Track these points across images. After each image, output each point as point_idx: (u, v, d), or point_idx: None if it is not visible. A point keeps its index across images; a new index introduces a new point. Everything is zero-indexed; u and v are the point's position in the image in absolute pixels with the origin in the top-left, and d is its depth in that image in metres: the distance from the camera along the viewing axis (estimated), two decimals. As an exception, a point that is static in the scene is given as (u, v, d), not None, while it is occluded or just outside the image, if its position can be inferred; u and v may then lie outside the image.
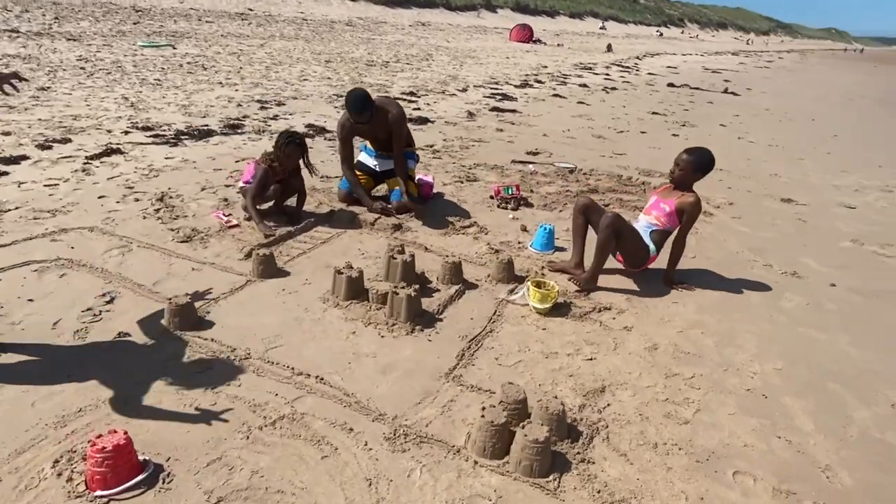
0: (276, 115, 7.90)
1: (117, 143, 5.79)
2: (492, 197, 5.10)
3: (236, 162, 5.59)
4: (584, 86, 14.66)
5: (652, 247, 3.54)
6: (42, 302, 2.88)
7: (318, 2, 35.23)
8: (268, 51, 15.28)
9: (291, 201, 4.38)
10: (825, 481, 2.13)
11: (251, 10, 29.20)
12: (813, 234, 4.90)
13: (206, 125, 6.92)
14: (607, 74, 18.30)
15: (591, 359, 2.78)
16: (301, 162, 4.21)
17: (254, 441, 2.09)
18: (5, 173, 4.63)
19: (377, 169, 4.71)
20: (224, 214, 4.19)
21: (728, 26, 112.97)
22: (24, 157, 5.05)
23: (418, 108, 9.41)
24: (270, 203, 4.30)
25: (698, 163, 3.48)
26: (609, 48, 30.76)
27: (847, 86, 23.75)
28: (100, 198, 4.29)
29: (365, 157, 4.71)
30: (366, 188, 4.61)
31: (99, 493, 1.81)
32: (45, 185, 4.45)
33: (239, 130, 6.88)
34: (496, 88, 12.69)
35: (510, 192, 5.06)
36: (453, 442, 2.16)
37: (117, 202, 4.25)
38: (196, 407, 2.24)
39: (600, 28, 57.05)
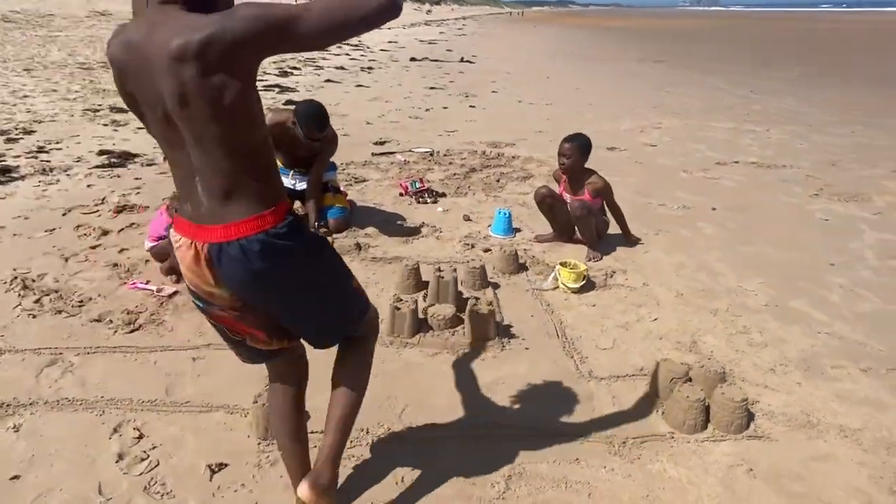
0: (43, 148, 6.17)
1: None
2: (401, 194, 4.94)
3: (63, 215, 4.31)
4: (342, 68, 14.56)
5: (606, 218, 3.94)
6: (34, 474, 1.96)
7: (-60, -6, 27.26)
8: (-76, 65, 11.50)
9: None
10: (871, 352, 2.81)
11: None
12: (655, 172, 5.94)
13: (-41, 176, 5.09)
14: (348, 54, 18.38)
15: (655, 319, 3.06)
16: None
17: (513, 512, 1.86)
18: None
19: (296, 188, 4.15)
20: (143, 283, 3.27)
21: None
22: None
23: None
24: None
25: (581, 146, 3.72)
26: (322, 27, 30.66)
27: (537, 44, 27.99)
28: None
29: (278, 178, 4.09)
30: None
31: None
32: None
33: (13, 175, 5.22)
34: (260, 80, 11.81)
35: (416, 186, 4.97)
36: (661, 430, 2.24)
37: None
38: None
39: (295, 7, 56.08)
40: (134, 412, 2.28)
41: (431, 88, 11.53)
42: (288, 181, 4.13)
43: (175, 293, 3.20)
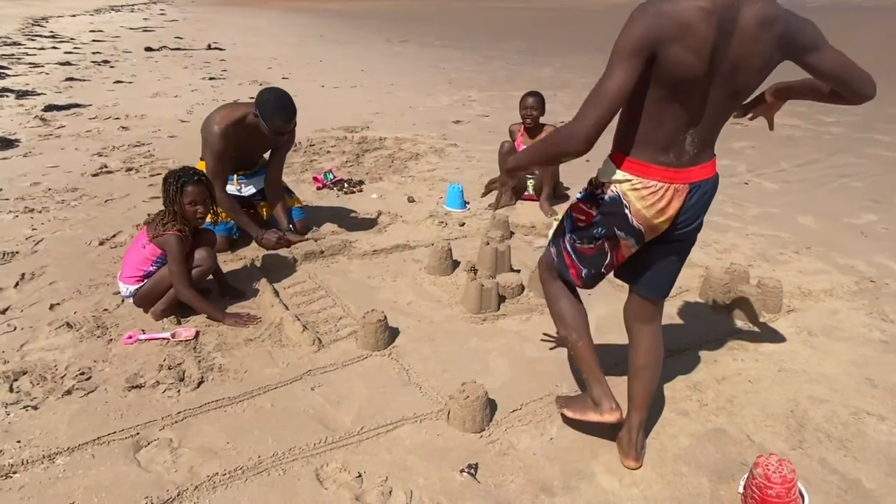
0: None
1: None
2: (319, 188, 4.66)
3: None
4: (68, 63, 12.10)
5: None
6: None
7: None
8: None
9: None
10: (787, 240, 3.82)
11: None
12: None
13: None
14: (55, 47, 15.24)
15: (646, 249, 3.63)
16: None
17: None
18: None
19: (242, 193, 3.64)
20: (141, 334, 2.63)
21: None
22: None
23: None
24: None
25: (543, 100, 4.20)
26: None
27: (274, 29, 26.69)
28: None
29: (222, 183, 3.52)
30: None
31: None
32: None
33: None
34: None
35: (331, 178, 4.75)
36: (738, 324, 2.80)
37: None
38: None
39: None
40: (316, 457, 1.96)
41: (212, 79, 10.45)
42: (232, 188, 3.58)
43: (197, 333, 2.65)
